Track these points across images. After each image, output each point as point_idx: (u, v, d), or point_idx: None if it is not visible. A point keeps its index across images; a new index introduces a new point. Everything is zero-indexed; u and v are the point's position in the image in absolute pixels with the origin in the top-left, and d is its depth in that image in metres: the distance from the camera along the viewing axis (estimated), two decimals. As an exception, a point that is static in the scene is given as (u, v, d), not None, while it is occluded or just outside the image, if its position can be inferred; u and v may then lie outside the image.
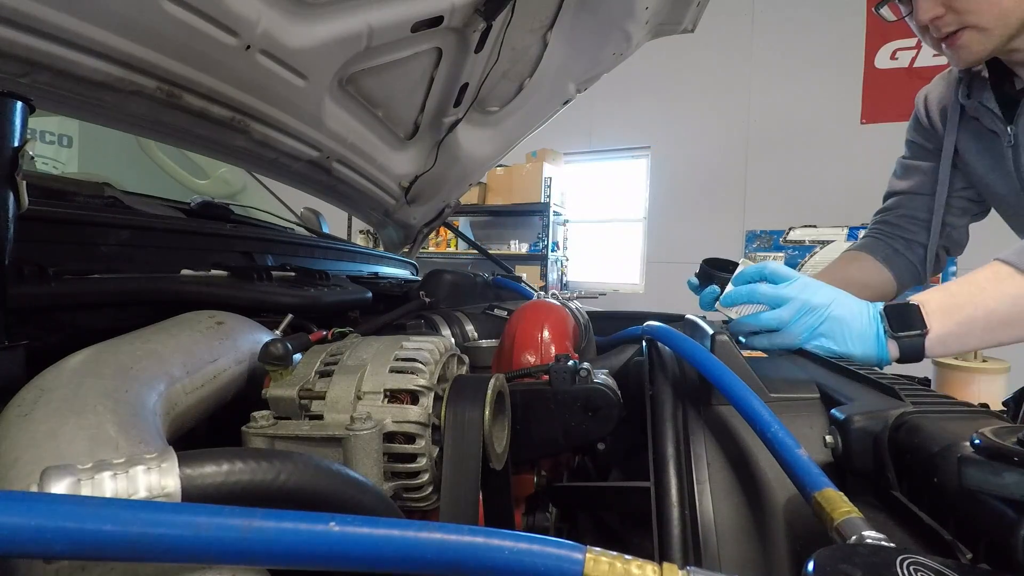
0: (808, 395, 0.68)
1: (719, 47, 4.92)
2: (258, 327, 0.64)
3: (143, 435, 0.38)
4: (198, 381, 0.52)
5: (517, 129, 1.65)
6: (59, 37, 0.68)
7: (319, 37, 0.96)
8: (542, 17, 1.34)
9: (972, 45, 0.95)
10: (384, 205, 1.69)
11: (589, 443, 0.69)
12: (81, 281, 0.62)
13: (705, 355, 0.67)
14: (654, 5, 1.38)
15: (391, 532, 0.28)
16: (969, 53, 0.97)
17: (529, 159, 5.23)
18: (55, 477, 0.28)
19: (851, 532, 0.39)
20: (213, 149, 1.11)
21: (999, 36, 0.93)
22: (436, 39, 1.19)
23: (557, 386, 0.63)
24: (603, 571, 0.29)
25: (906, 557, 0.33)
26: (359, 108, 1.25)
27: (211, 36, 0.81)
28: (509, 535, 0.29)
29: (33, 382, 0.41)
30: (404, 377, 0.51)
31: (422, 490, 0.51)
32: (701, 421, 0.67)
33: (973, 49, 0.96)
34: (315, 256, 1.28)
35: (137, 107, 0.86)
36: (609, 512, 0.82)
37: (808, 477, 0.46)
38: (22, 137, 0.46)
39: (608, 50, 1.48)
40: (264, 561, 0.28)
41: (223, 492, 0.32)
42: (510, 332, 0.76)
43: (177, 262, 0.79)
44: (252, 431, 0.48)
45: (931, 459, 0.48)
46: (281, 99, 1.03)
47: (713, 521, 0.57)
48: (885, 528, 0.43)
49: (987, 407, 0.63)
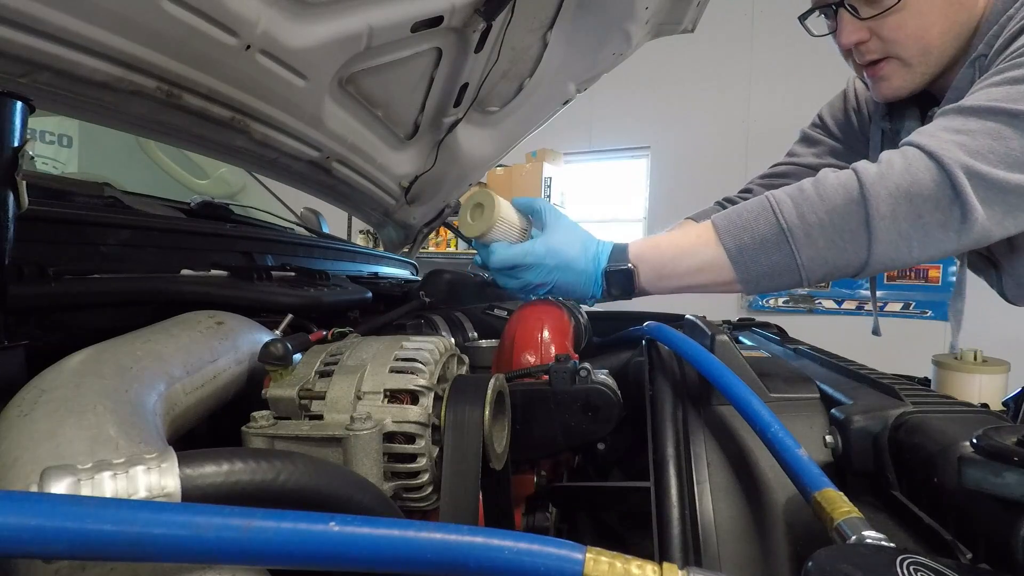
0: (808, 395, 0.68)
1: (719, 47, 4.92)
2: (258, 327, 0.64)
3: (143, 435, 0.38)
4: (198, 381, 0.52)
5: (517, 129, 1.65)
6: (59, 37, 0.68)
7: (319, 37, 0.96)
8: (542, 17, 1.34)
9: (893, 78, 0.91)
10: (384, 205, 1.69)
11: (589, 443, 0.69)
12: (81, 281, 0.62)
13: (705, 355, 0.67)
14: (654, 5, 1.38)
15: (391, 532, 0.28)
16: (889, 87, 0.92)
17: (529, 159, 5.22)
18: (55, 477, 0.28)
19: (851, 532, 0.39)
20: (213, 149, 1.11)
21: (921, 74, 0.89)
22: (436, 39, 1.19)
23: (557, 386, 0.63)
24: (603, 571, 0.29)
25: (906, 557, 0.33)
26: (359, 108, 1.25)
27: (211, 36, 0.81)
28: (509, 535, 0.29)
29: (33, 382, 0.41)
30: (404, 377, 0.51)
31: (422, 490, 0.51)
32: (701, 421, 0.67)
33: (894, 83, 0.91)
34: (315, 256, 1.28)
35: (137, 107, 0.86)
36: (609, 512, 0.82)
37: (808, 477, 0.47)
38: (22, 137, 0.46)
39: (608, 50, 1.48)
40: (264, 561, 0.28)
41: (223, 492, 0.32)
42: (510, 332, 0.76)
43: (177, 262, 0.79)
44: (252, 431, 0.48)
45: (931, 459, 0.48)
46: (281, 99, 1.03)
47: (713, 521, 0.58)
48: (885, 528, 0.43)
49: (987, 407, 0.63)
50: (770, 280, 0.76)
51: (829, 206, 0.72)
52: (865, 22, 0.87)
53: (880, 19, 0.86)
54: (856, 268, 0.74)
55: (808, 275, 0.74)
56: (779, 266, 0.74)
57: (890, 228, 0.70)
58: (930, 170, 0.69)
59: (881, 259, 0.72)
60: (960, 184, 0.68)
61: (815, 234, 0.72)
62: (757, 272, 0.75)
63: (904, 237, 0.70)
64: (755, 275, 0.76)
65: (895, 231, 0.70)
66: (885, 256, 0.72)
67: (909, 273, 4.29)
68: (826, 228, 0.72)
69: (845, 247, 0.72)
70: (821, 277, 0.76)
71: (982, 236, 0.71)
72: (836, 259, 0.73)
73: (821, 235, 0.72)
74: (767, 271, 0.75)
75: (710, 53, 4.94)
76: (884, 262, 0.72)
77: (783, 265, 0.74)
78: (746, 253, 0.75)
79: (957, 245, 0.71)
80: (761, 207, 0.76)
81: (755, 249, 0.75)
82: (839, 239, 0.72)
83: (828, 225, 0.72)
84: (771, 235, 0.74)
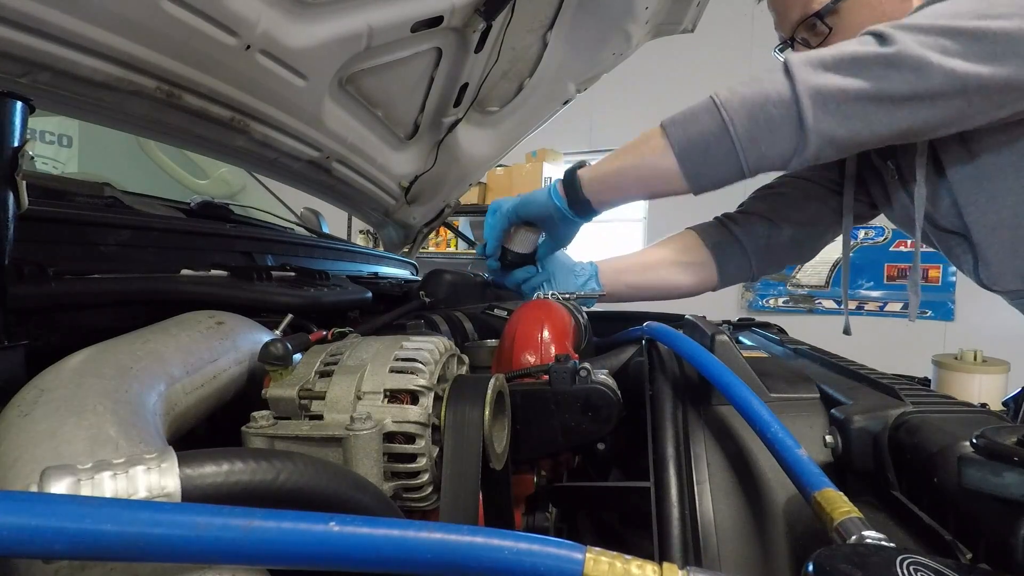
0: (808, 395, 0.68)
1: (719, 47, 4.92)
2: (258, 327, 0.64)
3: (143, 435, 0.38)
4: (198, 381, 0.52)
5: (517, 129, 1.65)
6: (59, 37, 0.68)
7: (319, 37, 0.96)
8: (542, 17, 1.34)
9: None
10: (384, 205, 1.69)
11: (589, 443, 0.69)
12: (81, 281, 0.62)
13: (705, 355, 0.67)
14: (654, 5, 1.38)
15: (391, 532, 0.28)
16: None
17: (529, 159, 5.22)
18: (55, 477, 0.28)
19: (851, 532, 0.39)
20: (213, 149, 1.11)
21: None
22: (436, 39, 1.19)
23: (557, 386, 0.63)
24: (603, 571, 0.29)
25: (906, 557, 0.33)
26: (359, 108, 1.25)
27: (211, 36, 0.81)
28: (509, 535, 0.29)
29: (33, 382, 0.41)
30: (404, 377, 0.51)
31: (422, 490, 0.51)
32: (701, 421, 0.67)
33: None
34: (315, 256, 1.28)
35: (137, 107, 0.86)
36: (609, 512, 0.82)
37: (808, 477, 0.46)
38: (22, 137, 0.46)
39: (608, 50, 1.48)
40: (264, 561, 0.28)
41: (223, 492, 0.32)
42: (510, 332, 0.76)
43: (177, 262, 0.79)
44: (252, 431, 0.48)
45: (931, 459, 0.48)
46: (281, 99, 1.03)
47: (713, 521, 0.58)
48: (885, 528, 0.43)
49: (987, 407, 0.63)
50: (704, 152, 0.89)
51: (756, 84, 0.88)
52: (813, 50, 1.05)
53: (824, 45, 1.00)
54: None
55: (738, 134, 0.87)
56: (710, 131, 0.88)
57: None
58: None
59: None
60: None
61: (745, 104, 0.87)
62: (690, 135, 0.89)
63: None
64: (688, 141, 0.90)
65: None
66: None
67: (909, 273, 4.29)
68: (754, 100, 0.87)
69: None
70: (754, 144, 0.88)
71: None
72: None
73: (748, 106, 0.87)
74: (698, 136, 0.89)
75: (710, 53, 4.94)
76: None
77: (713, 128, 0.87)
78: (678, 121, 0.91)
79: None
80: (705, 102, 0.91)
81: (688, 118, 0.91)
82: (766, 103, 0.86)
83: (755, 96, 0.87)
84: (705, 106, 0.90)
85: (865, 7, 0.98)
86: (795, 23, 1.05)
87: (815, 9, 1.00)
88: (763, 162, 0.89)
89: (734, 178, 0.92)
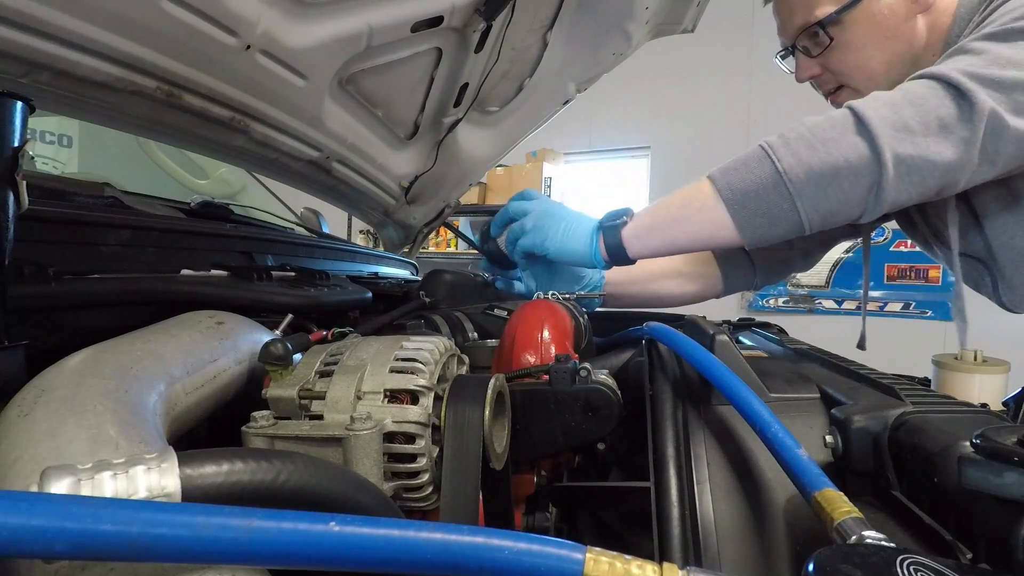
0: (808, 395, 0.68)
1: (719, 47, 4.92)
2: (258, 327, 0.64)
3: (143, 435, 0.38)
4: (198, 381, 0.52)
5: (517, 129, 1.65)
6: (59, 37, 0.67)
7: (319, 37, 0.96)
8: (542, 17, 1.34)
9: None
10: (384, 205, 1.69)
11: (589, 443, 0.69)
12: (81, 281, 0.62)
13: (705, 355, 0.67)
14: (654, 5, 1.38)
15: (391, 532, 0.28)
16: None
17: (529, 159, 5.22)
18: (55, 477, 0.28)
19: (851, 532, 0.39)
20: (213, 149, 1.11)
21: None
22: (436, 39, 1.19)
23: (557, 386, 0.63)
24: (603, 571, 0.29)
25: (906, 557, 0.33)
26: (359, 108, 1.25)
27: (211, 36, 0.81)
28: (509, 535, 0.29)
29: (33, 382, 0.41)
30: (404, 377, 0.51)
31: (422, 490, 0.51)
32: (701, 421, 0.67)
33: None
34: (315, 256, 1.28)
35: (137, 107, 0.85)
36: (609, 512, 0.82)
37: (808, 477, 0.46)
38: (22, 137, 0.46)
39: (608, 50, 1.48)
40: (264, 561, 0.28)
41: (223, 492, 0.32)
42: (510, 332, 0.76)
43: (177, 262, 0.79)
44: (252, 431, 0.48)
45: (931, 459, 0.48)
46: (281, 99, 1.03)
47: (713, 521, 0.58)
48: (885, 528, 0.43)
49: (987, 407, 0.63)
50: (767, 222, 0.79)
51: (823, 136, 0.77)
52: (815, 59, 1.03)
53: (825, 55, 1.01)
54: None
55: (805, 209, 0.77)
56: (778, 208, 0.78)
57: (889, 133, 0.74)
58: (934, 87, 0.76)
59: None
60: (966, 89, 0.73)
61: (806, 156, 0.76)
62: (752, 211, 0.79)
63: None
64: (750, 213, 0.79)
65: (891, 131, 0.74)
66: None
67: (909, 273, 4.29)
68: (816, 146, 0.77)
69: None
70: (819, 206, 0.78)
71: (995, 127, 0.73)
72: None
73: (811, 155, 0.76)
74: (762, 212, 0.79)
75: (710, 53, 4.94)
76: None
77: (781, 204, 0.78)
78: (738, 200, 0.80)
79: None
80: (755, 151, 0.81)
81: (748, 195, 0.79)
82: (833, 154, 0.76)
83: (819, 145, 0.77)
84: (772, 182, 0.78)
85: (869, 23, 0.97)
86: (797, 30, 1.02)
87: (818, 18, 0.99)
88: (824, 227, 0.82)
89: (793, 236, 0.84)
